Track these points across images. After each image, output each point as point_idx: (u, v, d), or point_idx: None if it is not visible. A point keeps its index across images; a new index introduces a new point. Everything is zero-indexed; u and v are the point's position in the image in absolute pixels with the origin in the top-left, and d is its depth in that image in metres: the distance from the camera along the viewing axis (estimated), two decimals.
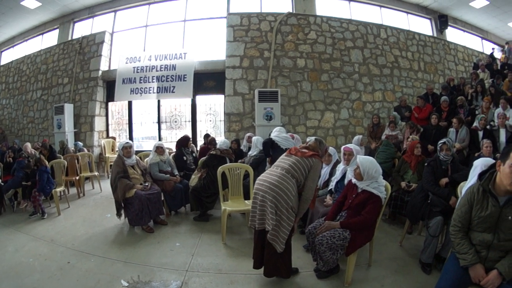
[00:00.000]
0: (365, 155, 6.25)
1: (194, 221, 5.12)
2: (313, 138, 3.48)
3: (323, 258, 3.13)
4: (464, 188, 2.99)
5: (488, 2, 12.22)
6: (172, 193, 5.34)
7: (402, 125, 7.74)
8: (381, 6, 11.99)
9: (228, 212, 4.41)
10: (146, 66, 9.78)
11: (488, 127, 6.68)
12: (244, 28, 9.37)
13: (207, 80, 9.77)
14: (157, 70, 9.68)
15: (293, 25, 9.64)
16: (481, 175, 2.42)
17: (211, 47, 10.11)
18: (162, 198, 5.27)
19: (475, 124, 6.80)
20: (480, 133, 6.40)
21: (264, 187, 3.04)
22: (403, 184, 4.83)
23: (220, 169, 4.77)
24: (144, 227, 4.70)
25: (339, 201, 3.47)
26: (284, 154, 3.34)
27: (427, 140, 6.46)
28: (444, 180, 3.98)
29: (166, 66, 9.65)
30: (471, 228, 2.41)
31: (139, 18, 10.99)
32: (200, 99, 10.09)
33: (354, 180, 3.39)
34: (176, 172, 5.74)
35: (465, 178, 3.33)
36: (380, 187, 3.28)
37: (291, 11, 10.21)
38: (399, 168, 5.17)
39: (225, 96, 9.19)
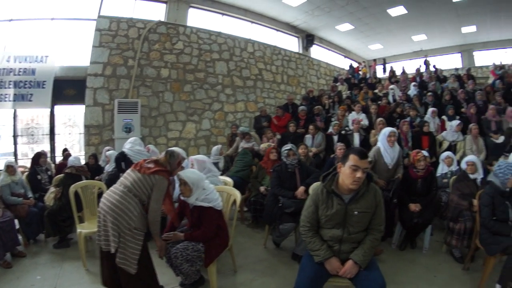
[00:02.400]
0: (224, 164, 7.32)
1: (54, 249, 4.91)
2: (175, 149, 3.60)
3: (182, 271, 3.29)
4: None
5: (353, 27, 15.33)
6: (27, 219, 5.02)
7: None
8: (252, 22, 14.09)
9: (85, 235, 4.34)
10: (4, 69, 8.99)
11: (343, 132, 7.99)
12: (111, 33, 9.54)
13: (68, 88, 9.64)
14: (15, 74, 9.01)
15: (162, 34, 10.36)
16: (324, 177, 2.84)
17: (76, 51, 9.90)
18: (18, 226, 4.97)
19: (330, 129, 8.17)
20: (335, 138, 7.69)
21: (105, 206, 3.05)
22: (261, 189, 5.42)
23: (72, 188, 4.60)
24: (0, 262, 4.31)
25: (176, 216, 3.61)
26: (130, 169, 3.33)
27: None
28: (301, 190, 4.52)
29: (25, 70, 9.08)
30: (321, 226, 2.83)
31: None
32: (60, 109, 9.86)
33: (183, 198, 3.47)
34: (30, 195, 5.40)
35: (318, 180, 3.60)
36: (210, 196, 3.43)
37: (163, 19, 10.97)
38: (256, 174, 5.79)
39: (85, 107, 9.13)
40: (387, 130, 5.09)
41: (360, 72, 16.35)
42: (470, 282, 3.89)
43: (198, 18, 12.50)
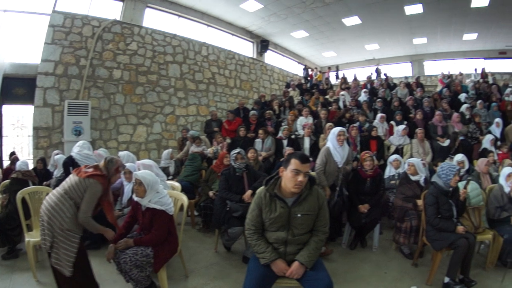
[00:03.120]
0: (175, 168, 7.50)
1: (3, 260, 4.69)
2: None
3: (132, 278, 3.34)
4: None
5: (308, 34, 16.21)
6: None
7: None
8: (208, 25, 14.53)
9: (34, 244, 4.16)
10: None
11: (293, 136, 8.42)
12: (65, 30, 9.35)
13: (18, 86, 9.30)
14: None
15: (116, 34, 10.39)
16: (267, 181, 2.96)
17: (27, 47, 9.59)
18: None
19: (280, 134, 8.37)
20: (285, 142, 7.96)
21: (44, 207, 3.22)
22: (210, 193, 5.60)
23: (19, 195, 4.41)
24: None
25: (127, 222, 3.67)
26: (72, 173, 3.48)
27: None
28: (248, 194, 4.74)
29: None
30: (266, 229, 2.96)
31: None
32: (8, 109, 9.54)
33: (136, 198, 3.54)
34: None
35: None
36: (163, 199, 3.55)
37: (118, 18, 10.91)
38: (207, 178, 5.93)
39: (34, 107, 8.95)
40: (336, 129, 5.26)
41: (314, 78, 17.26)
42: (419, 276, 4.27)
43: (154, 19, 12.62)
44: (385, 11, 14.26)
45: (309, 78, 17.92)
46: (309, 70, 19.26)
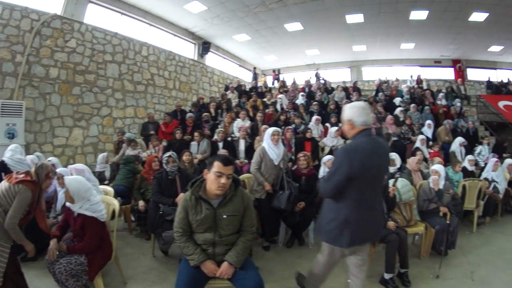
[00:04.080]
0: (110, 172, 7.47)
1: None
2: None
3: None
4: None
5: (250, 38, 17.10)
6: None
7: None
8: (151, 25, 14.75)
9: None
10: None
11: (229, 138, 8.81)
12: (2, 22, 9.00)
13: None
14: None
15: (56, 29, 10.07)
16: (192, 184, 3.10)
17: None
18: None
19: (215, 136, 8.74)
20: (220, 144, 8.34)
21: None
22: (140, 203, 5.64)
23: None
24: None
25: (60, 226, 3.74)
26: (4, 179, 3.47)
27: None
28: (180, 197, 4.69)
29: None
30: (194, 231, 3.08)
31: None
32: None
33: (67, 204, 3.62)
34: None
35: None
36: (94, 206, 3.61)
37: (59, 13, 10.51)
38: (139, 186, 5.92)
39: None
40: (271, 129, 5.54)
41: (260, 82, 18.14)
42: None
43: (96, 16, 12.38)
44: (327, 18, 15.33)
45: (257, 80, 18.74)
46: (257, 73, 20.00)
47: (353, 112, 2.96)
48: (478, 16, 14.57)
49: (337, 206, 2.95)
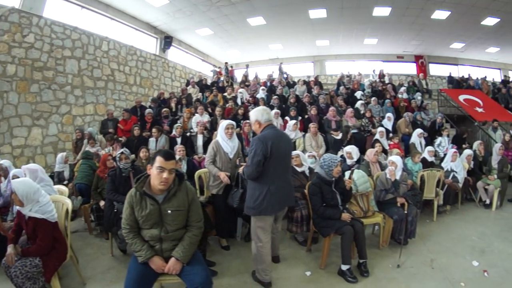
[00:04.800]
0: (70, 171, 7.37)
1: None
2: None
3: None
4: None
5: (212, 32, 17.37)
6: None
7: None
8: (112, 19, 14.64)
9: None
10: None
11: (188, 134, 8.92)
12: None
13: None
14: None
15: (13, 23, 9.80)
16: (137, 180, 3.15)
17: None
18: None
19: (174, 132, 8.79)
20: (178, 140, 8.41)
21: None
22: (101, 203, 5.66)
23: None
24: None
25: (14, 230, 3.72)
26: None
27: (131, 151, 7.08)
28: None
29: None
30: (141, 227, 3.13)
31: None
32: None
33: (17, 207, 3.62)
34: None
35: None
36: (44, 207, 3.58)
37: (17, 6, 10.27)
38: (96, 186, 5.97)
39: None
40: (225, 122, 5.42)
41: (222, 77, 18.18)
42: (314, 262, 4.82)
43: (56, 9, 12.10)
44: (290, 13, 15.74)
45: (229, 75, 18.78)
46: (229, 67, 20.08)
47: (258, 114, 4.10)
48: (441, 14, 15.57)
49: (259, 184, 3.93)
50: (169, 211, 3.09)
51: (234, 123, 5.59)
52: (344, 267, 4.39)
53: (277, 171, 3.96)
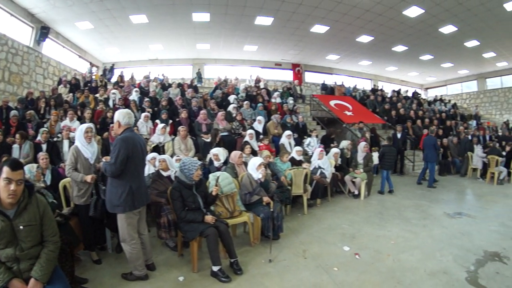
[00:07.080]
0: None
1: None
2: None
3: None
4: None
5: (93, 27, 17.19)
6: None
7: None
8: None
9: None
10: None
11: (55, 139, 8.44)
12: None
13: None
14: None
15: None
16: None
17: None
18: None
19: (39, 137, 8.23)
20: (44, 146, 7.86)
21: None
22: None
23: None
24: None
25: None
26: None
27: None
28: None
29: None
30: None
31: None
32: None
33: None
34: None
35: None
36: None
37: None
38: None
39: None
40: (84, 126, 5.17)
41: (94, 77, 17.84)
42: (186, 266, 4.93)
43: None
44: (173, 14, 16.38)
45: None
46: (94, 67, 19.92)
47: (120, 115, 4.53)
48: (320, 28, 18.02)
49: (122, 181, 4.35)
50: (21, 227, 2.92)
51: (92, 126, 5.36)
52: (215, 268, 4.60)
53: (137, 170, 4.53)
